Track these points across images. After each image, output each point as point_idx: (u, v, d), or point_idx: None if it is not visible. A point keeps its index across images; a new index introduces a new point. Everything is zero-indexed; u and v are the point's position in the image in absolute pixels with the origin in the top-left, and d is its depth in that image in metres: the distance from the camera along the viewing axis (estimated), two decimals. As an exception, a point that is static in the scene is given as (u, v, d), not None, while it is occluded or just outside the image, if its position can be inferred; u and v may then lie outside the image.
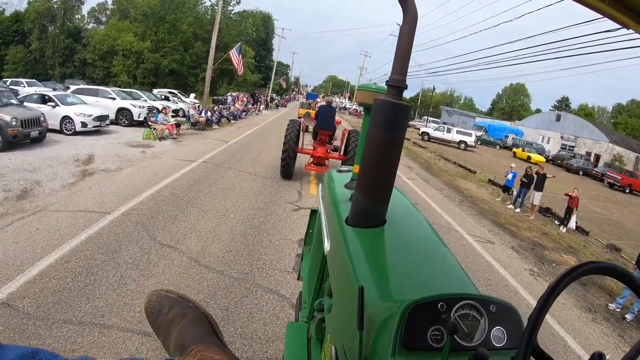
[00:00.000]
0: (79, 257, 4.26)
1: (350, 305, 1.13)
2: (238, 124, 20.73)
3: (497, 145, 41.81)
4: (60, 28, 51.47)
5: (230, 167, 9.47)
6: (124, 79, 45.76)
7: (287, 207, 6.96)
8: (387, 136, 1.46)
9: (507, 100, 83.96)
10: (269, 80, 49.72)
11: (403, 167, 15.10)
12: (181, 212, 5.95)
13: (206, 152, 11.04)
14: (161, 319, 0.85)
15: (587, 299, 6.39)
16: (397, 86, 1.50)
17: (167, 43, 45.12)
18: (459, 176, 16.28)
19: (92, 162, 9.09)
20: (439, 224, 8.09)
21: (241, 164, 10.15)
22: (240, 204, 6.67)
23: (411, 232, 1.68)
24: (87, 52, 48.12)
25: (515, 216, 11.39)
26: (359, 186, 1.53)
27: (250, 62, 50.63)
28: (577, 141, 42.05)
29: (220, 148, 12.10)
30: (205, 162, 9.76)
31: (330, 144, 9.72)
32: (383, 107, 1.47)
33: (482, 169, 20.30)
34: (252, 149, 12.67)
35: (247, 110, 26.04)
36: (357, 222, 1.55)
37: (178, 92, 26.41)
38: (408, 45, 1.48)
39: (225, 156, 10.89)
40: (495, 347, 0.93)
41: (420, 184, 12.17)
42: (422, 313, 0.92)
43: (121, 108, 15.74)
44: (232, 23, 51.84)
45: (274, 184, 8.53)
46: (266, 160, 11.17)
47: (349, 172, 2.48)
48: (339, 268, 1.47)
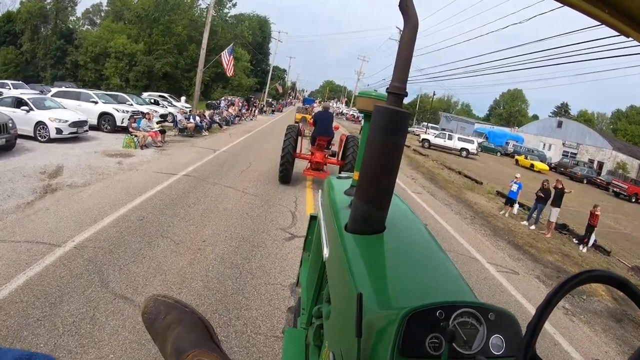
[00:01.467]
0: (8, 312, 3.22)
1: (349, 312, 1.12)
2: (230, 130, 19.57)
3: (497, 152, 40.88)
4: (53, 29, 50.35)
5: (216, 182, 8.35)
6: (116, 82, 44.61)
7: (278, 235, 5.82)
8: (387, 143, 1.45)
9: (505, 106, 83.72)
10: (265, 85, 48.59)
11: (407, 178, 14.04)
12: (147, 245, 4.85)
13: (190, 163, 9.93)
14: (158, 324, 0.84)
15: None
16: (398, 93, 1.51)
17: (161, 45, 44.02)
18: (465, 188, 15.25)
19: (59, 175, 7.98)
20: (456, 250, 7.01)
21: (228, 177, 9.03)
22: (221, 233, 5.53)
23: (410, 239, 1.68)
24: (79, 53, 47.03)
25: (531, 234, 10.35)
26: (359, 193, 1.53)
27: (246, 66, 49.61)
28: (579, 148, 41.19)
29: (207, 158, 10.99)
30: (188, 175, 8.65)
31: (328, 149, 9.62)
32: (383, 114, 1.47)
33: (487, 179, 19.29)
34: (243, 159, 11.56)
35: (240, 116, 24.89)
36: (356, 228, 1.55)
37: (169, 96, 25.26)
38: (409, 52, 1.49)
39: (211, 168, 9.77)
40: (494, 355, 0.93)
41: (428, 199, 11.11)
42: (420, 321, 0.91)
43: (103, 113, 14.62)
44: (227, 26, 50.86)
45: (264, 203, 7.41)
46: (257, 172, 10.07)
47: (348, 178, 2.49)
48: (338, 275, 1.47)
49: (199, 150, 12.07)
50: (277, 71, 75.38)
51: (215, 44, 45.31)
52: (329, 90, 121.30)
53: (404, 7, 1.47)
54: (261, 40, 58.75)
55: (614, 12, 0.92)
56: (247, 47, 51.17)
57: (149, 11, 44.28)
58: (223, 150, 12.53)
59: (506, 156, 41.57)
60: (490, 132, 46.89)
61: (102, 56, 45.47)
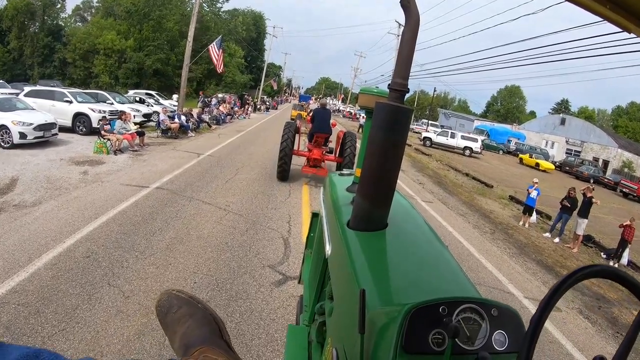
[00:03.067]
0: None
1: (352, 309, 1.13)
2: (220, 129, 18.15)
3: (500, 150, 39.62)
4: (40, 26, 48.69)
5: (192, 197, 7.02)
6: (105, 80, 43.07)
7: (265, 276, 4.44)
8: (389, 140, 1.45)
9: (502, 102, 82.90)
10: (260, 82, 47.12)
11: (414, 182, 12.77)
12: (86, 300, 3.54)
13: (167, 172, 8.59)
14: (169, 317, 0.83)
15: None
16: (399, 90, 1.49)
17: (152, 41, 42.46)
18: (476, 192, 14.00)
19: (10, 191, 6.68)
20: (487, 283, 5.74)
21: (209, 190, 7.69)
22: (188, 277, 4.17)
23: (412, 236, 1.67)
24: (68, 51, 45.37)
25: (557, 250, 9.13)
26: (361, 190, 1.53)
27: (240, 62, 48.12)
28: (583, 146, 40.02)
29: (188, 164, 9.63)
30: (161, 188, 7.32)
31: (325, 146, 9.58)
32: (385, 111, 1.46)
33: (495, 181, 18.06)
34: (229, 165, 10.22)
35: (232, 114, 23.47)
36: (358, 225, 1.55)
37: (156, 94, 23.79)
38: (410, 49, 1.48)
39: (190, 177, 8.43)
40: (496, 351, 0.93)
41: (441, 210, 9.82)
42: (423, 317, 0.91)
43: (78, 113, 13.25)
44: (221, 21, 49.29)
45: (250, 225, 6.03)
46: (245, 182, 8.74)
47: (350, 175, 2.48)
48: (340, 271, 1.48)
49: (180, 155, 10.73)
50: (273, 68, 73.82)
51: (207, 40, 43.87)
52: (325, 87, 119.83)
53: (406, 3, 1.46)
54: (256, 36, 57.16)
55: (615, 7, 0.90)
56: (241, 43, 49.64)
57: (139, 6, 42.66)
58: (208, 155, 11.18)
59: (508, 154, 40.39)
60: (492, 130, 45.52)
61: (90, 53, 43.88)
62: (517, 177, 23.26)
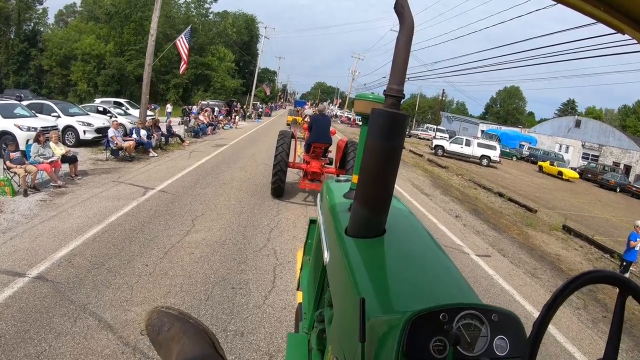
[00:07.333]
0: None
1: (352, 317, 1.11)
2: (196, 144, 14.77)
3: (513, 156, 36.45)
4: (16, 32, 45.42)
5: (86, 306, 3.71)
6: (83, 87, 39.76)
7: None
8: (386, 146, 1.42)
9: (502, 103, 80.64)
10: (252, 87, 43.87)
11: (450, 217, 9.50)
12: None
13: (79, 231, 5.31)
14: (162, 336, 0.81)
15: None
16: (395, 96, 1.47)
17: (133, 45, 39.23)
18: (522, 222, 10.80)
19: None
20: None
21: (127, 280, 4.35)
22: None
23: (411, 242, 1.65)
24: (44, 57, 42.03)
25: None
26: (358, 196, 1.50)
27: (229, 66, 44.93)
28: (601, 150, 36.96)
29: (119, 212, 6.21)
30: (42, 278, 4.01)
31: (325, 157, 8.68)
32: (381, 117, 1.43)
33: (530, 199, 14.91)
34: (185, 210, 6.77)
35: (215, 124, 20.12)
36: (356, 232, 1.52)
37: (127, 102, 20.44)
38: (405, 54, 1.45)
39: (107, 246, 5.04)
40: (498, 357, 0.91)
41: (502, 268, 6.57)
42: (424, 324, 0.89)
43: (3, 132, 10.03)
44: (209, 22, 46.15)
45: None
46: (199, 250, 5.48)
47: (347, 181, 2.44)
48: (339, 279, 1.45)
49: (119, 192, 7.39)
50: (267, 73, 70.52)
51: (194, 42, 40.73)
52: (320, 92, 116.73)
53: (400, 9, 1.43)
54: (248, 39, 53.94)
55: (609, 9, 0.89)
56: (231, 47, 46.42)
57: (119, 7, 39.42)
58: (160, 189, 7.78)
59: (522, 160, 37.28)
60: (502, 134, 42.28)
61: (68, 59, 40.57)
62: (547, 191, 20.10)
